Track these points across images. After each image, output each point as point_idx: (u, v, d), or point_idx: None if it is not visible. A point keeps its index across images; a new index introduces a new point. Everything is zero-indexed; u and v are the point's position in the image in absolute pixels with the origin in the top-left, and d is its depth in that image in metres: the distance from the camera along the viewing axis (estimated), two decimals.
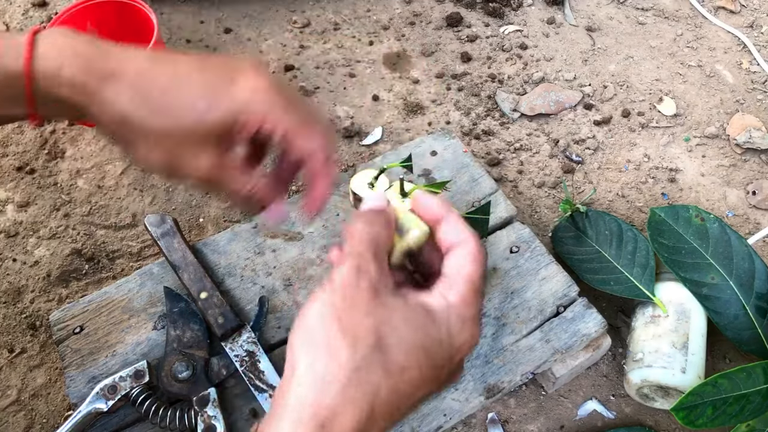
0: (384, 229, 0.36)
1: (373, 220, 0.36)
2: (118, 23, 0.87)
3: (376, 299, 0.32)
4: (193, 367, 0.55)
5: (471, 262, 0.36)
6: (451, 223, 0.37)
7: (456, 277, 0.35)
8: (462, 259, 0.36)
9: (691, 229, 0.68)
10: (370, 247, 0.34)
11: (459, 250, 0.36)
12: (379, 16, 1.01)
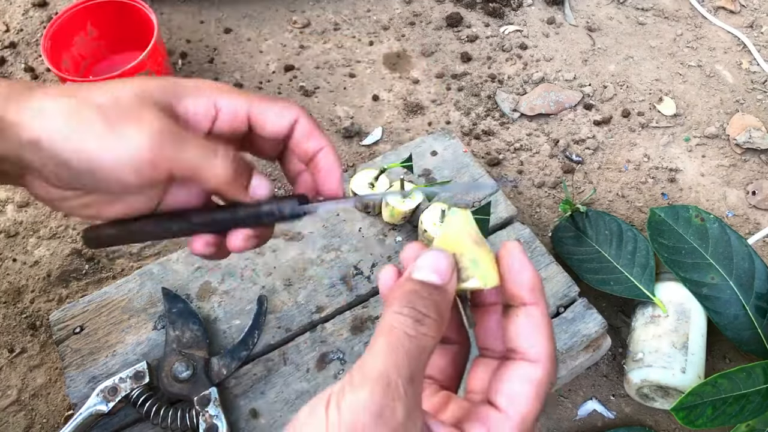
0: (436, 334, 0.26)
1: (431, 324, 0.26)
2: (118, 23, 0.87)
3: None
4: (193, 367, 0.55)
5: (534, 396, 0.26)
6: (532, 322, 0.27)
7: (506, 418, 0.26)
8: (525, 388, 0.27)
9: (691, 229, 0.68)
10: (410, 364, 0.24)
11: (525, 370, 0.27)
12: (379, 16, 1.01)
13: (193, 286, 0.63)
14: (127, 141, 0.30)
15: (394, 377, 0.24)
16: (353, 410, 0.23)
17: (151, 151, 0.30)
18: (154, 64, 0.81)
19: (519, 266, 0.28)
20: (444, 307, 0.27)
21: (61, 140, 0.30)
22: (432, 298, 0.26)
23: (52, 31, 0.82)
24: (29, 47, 0.95)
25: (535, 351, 0.27)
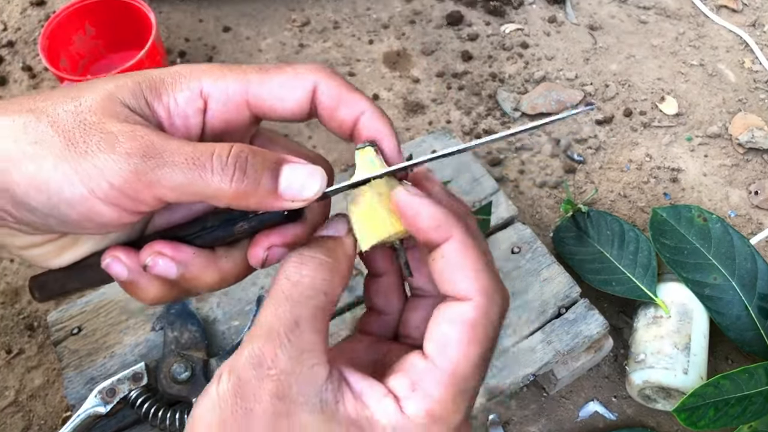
0: (327, 275, 0.23)
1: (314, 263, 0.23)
2: (116, 22, 0.87)
3: (280, 415, 0.21)
4: (191, 368, 0.55)
5: (467, 341, 0.23)
6: (450, 260, 0.24)
7: (432, 368, 0.23)
8: (454, 330, 0.23)
9: (693, 230, 0.68)
10: (292, 309, 0.22)
11: (453, 310, 0.24)
12: (379, 15, 1.00)
13: None
14: (94, 168, 0.23)
15: (275, 326, 0.22)
16: (237, 369, 0.22)
17: (125, 180, 0.23)
18: (153, 62, 0.81)
19: (413, 210, 0.24)
20: (340, 251, 0.25)
21: (14, 171, 0.23)
22: (323, 244, 0.25)
23: (50, 29, 0.81)
24: (27, 46, 0.95)
25: (460, 288, 0.23)
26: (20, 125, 0.23)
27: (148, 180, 0.23)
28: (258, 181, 0.24)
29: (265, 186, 0.24)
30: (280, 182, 0.24)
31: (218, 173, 0.23)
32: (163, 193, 0.23)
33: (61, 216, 0.24)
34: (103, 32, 0.88)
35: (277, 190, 0.24)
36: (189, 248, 0.26)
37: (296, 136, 0.85)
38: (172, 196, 0.23)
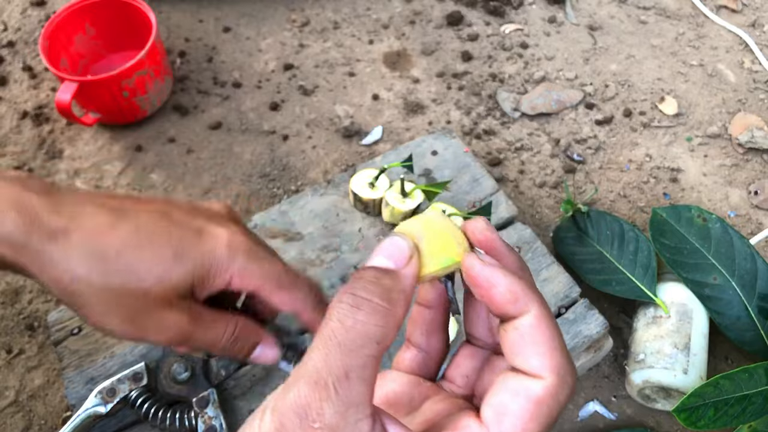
0: (382, 322, 0.22)
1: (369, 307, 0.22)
2: (116, 22, 0.87)
3: None
4: (191, 368, 0.55)
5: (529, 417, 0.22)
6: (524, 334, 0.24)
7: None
8: (518, 404, 0.23)
9: (693, 230, 0.68)
10: (343, 358, 0.22)
11: (520, 383, 0.23)
12: (379, 15, 1.00)
13: None
14: (150, 339, 0.37)
15: (323, 374, 0.21)
16: (281, 412, 0.21)
17: (171, 344, 0.37)
18: (153, 63, 0.81)
19: (488, 282, 0.24)
20: (397, 293, 0.23)
21: (85, 312, 0.35)
22: (379, 283, 0.23)
23: (50, 30, 0.81)
24: (27, 46, 0.95)
25: (533, 364, 0.23)
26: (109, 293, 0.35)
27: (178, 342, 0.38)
28: (240, 352, 0.40)
29: (243, 353, 0.40)
30: (253, 353, 0.40)
31: (220, 349, 0.39)
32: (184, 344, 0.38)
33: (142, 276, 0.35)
34: (104, 32, 0.88)
35: (250, 356, 0.40)
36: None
37: (296, 136, 0.85)
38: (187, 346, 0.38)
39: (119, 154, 0.83)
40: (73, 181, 0.81)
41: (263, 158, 0.83)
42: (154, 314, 0.36)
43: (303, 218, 0.67)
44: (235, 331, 0.38)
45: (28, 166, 0.82)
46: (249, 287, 0.37)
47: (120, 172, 0.82)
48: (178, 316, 0.36)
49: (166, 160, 0.83)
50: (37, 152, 0.84)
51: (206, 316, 0.37)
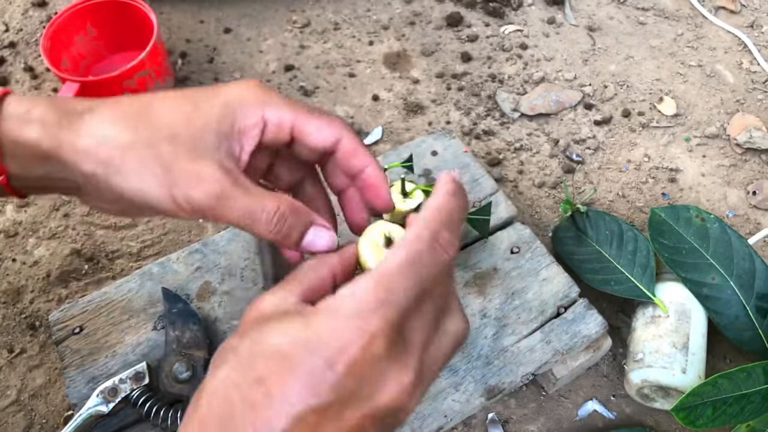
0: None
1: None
2: (117, 23, 0.87)
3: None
4: (193, 367, 0.55)
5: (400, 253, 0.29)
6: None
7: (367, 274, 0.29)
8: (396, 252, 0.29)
9: (691, 230, 0.68)
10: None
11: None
12: (379, 16, 1.01)
13: (193, 286, 0.63)
14: (185, 195, 0.33)
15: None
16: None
17: (201, 208, 0.33)
18: (154, 63, 0.81)
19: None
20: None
21: (119, 179, 0.33)
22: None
23: (52, 30, 0.82)
24: (29, 47, 0.95)
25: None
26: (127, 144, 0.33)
27: (214, 214, 0.33)
28: (289, 236, 0.34)
29: (293, 239, 0.34)
30: (304, 239, 0.35)
31: (263, 224, 0.33)
32: (225, 219, 0.33)
33: (150, 211, 0.34)
34: (105, 33, 0.88)
35: (300, 243, 0.35)
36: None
37: None
38: (230, 222, 0.34)
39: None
40: None
41: None
42: (187, 163, 0.33)
43: None
44: (281, 206, 0.34)
45: None
46: (285, 121, 0.35)
47: None
48: (213, 167, 0.33)
49: None
50: None
51: (250, 183, 0.34)
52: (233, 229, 0.67)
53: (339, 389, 0.27)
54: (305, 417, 0.27)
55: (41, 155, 0.34)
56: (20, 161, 0.35)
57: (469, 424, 0.63)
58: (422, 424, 0.56)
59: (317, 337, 0.28)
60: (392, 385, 0.28)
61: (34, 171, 0.36)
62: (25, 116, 0.34)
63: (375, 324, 0.28)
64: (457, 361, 0.59)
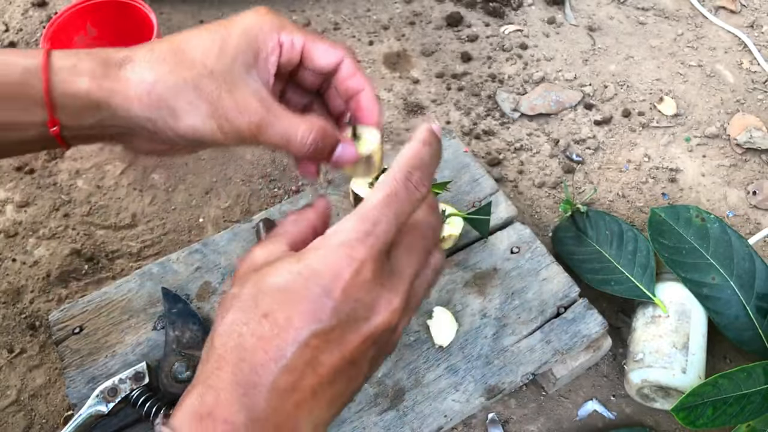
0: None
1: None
2: (117, 23, 0.87)
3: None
4: (193, 367, 0.55)
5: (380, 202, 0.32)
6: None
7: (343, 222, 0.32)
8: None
9: (691, 230, 0.68)
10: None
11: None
12: (379, 16, 1.01)
13: (192, 286, 0.63)
14: (232, 127, 0.38)
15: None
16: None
17: (248, 135, 0.39)
18: None
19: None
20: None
21: (173, 121, 0.38)
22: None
23: (52, 30, 0.82)
24: (29, 47, 0.95)
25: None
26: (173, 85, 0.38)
27: (255, 140, 0.39)
28: (322, 152, 0.40)
29: (324, 154, 0.40)
30: (334, 155, 0.41)
31: (298, 145, 0.39)
32: (262, 143, 0.39)
33: (198, 143, 0.40)
34: (105, 33, 0.88)
35: (331, 158, 0.41)
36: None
37: None
38: (270, 144, 0.39)
39: (120, 155, 0.84)
40: (75, 182, 0.81)
41: (264, 159, 0.84)
42: (228, 96, 0.38)
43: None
44: (312, 128, 0.39)
45: (29, 166, 0.82)
46: (297, 43, 0.40)
47: (121, 172, 0.82)
48: (250, 95, 0.39)
49: (167, 161, 0.83)
50: (38, 152, 0.84)
51: (282, 109, 0.40)
52: (233, 229, 0.67)
53: (338, 313, 0.31)
54: (310, 341, 0.30)
55: (93, 105, 0.38)
56: (72, 112, 0.38)
57: (469, 424, 0.63)
58: (422, 423, 0.56)
59: (312, 269, 0.31)
60: (384, 307, 0.32)
61: (86, 120, 0.39)
62: (73, 70, 0.38)
63: (362, 252, 0.31)
64: (457, 361, 0.59)
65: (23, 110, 0.38)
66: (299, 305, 0.31)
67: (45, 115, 0.38)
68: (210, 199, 0.80)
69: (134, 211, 0.79)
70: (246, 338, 0.31)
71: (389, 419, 0.55)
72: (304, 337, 0.30)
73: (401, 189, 0.33)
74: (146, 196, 0.80)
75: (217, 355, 0.31)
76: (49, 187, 0.81)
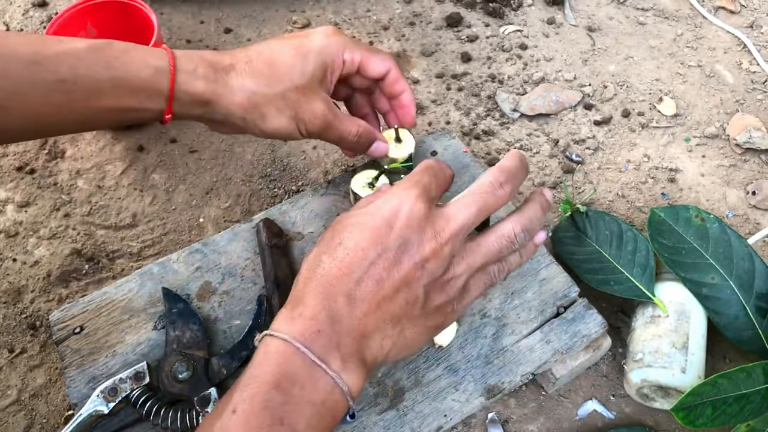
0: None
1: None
2: (118, 23, 0.87)
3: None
4: (193, 367, 0.55)
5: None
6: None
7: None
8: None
9: (691, 230, 0.68)
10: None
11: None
12: (379, 17, 1.01)
13: (193, 286, 0.63)
14: (307, 128, 0.54)
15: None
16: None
17: (316, 134, 0.55)
18: None
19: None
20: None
21: (262, 122, 0.52)
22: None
23: (52, 31, 0.82)
24: None
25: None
26: (262, 97, 0.51)
27: (320, 137, 0.55)
28: (363, 146, 0.59)
29: (364, 148, 0.59)
30: (371, 148, 0.59)
31: (350, 141, 0.57)
32: (323, 138, 0.56)
33: (264, 137, 0.55)
34: (105, 33, 0.88)
35: (369, 150, 0.59)
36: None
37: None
38: (325, 140, 0.57)
39: (121, 155, 0.84)
40: (75, 182, 0.81)
41: (264, 159, 0.84)
42: (306, 105, 0.52)
43: (303, 218, 0.67)
44: (360, 129, 0.56)
45: (30, 167, 0.82)
46: (356, 59, 0.54)
47: (122, 172, 0.82)
48: (322, 105, 0.52)
49: (167, 161, 0.83)
50: (39, 152, 0.84)
51: (340, 113, 0.55)
52: (233, 229, 0.67)
53: (398, 240, 0.40)
54: (376, 260, 0.40)
55: (203, 102, 0.50)
56: (185, 105, 0.50)
57: (469, 424, 0.63)
58: (422, 423, 0.56)
59: (377, 206, 0.42)
60: (430, 237, 0.41)
61: (194, 112, 0.51)
62: (193, 73, 0.49)
63: (414, 192, 0.42)
64: (456, 361, 0.59)
65: (149, 100, 0.49)
66: (366, 232, 0.40)
67: (164, 105, 0.49)
68: (210, 199, 0.80)
69: (135, 211, 0.79)
70: (325, 261, 0.41)
71: (389, 419, 0.56)
72: (370, 256, 0.40)
73: (432, 163, 0.47)
74: (147, 196, 0.80)
75: (304, 277, 0.41)
76: (49, 187, 0.81)
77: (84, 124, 0.52)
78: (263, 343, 0.41)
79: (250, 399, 0.39)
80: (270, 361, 0.39)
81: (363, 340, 0.40)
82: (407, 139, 0.65)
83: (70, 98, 0.47)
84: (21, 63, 0.45)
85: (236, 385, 0.41)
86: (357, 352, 0.40)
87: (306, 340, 0.39)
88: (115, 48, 0.48)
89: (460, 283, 0.43)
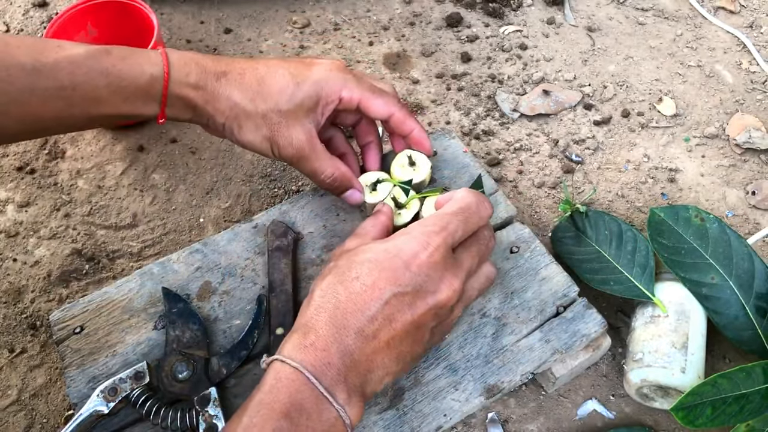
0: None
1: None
2: (118, 23, 0.87)
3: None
4: (193, 367, 0.55)
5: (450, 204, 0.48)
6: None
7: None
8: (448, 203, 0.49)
9: (690, 230, 0.68)
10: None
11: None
12: (379, 17, 1.01)
13: (193, 286, 0.63)
14: (280, 151, 0.54)
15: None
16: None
17: (288, 160, 0.55)
18: None
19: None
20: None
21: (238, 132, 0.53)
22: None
23: (53, 31, 0.82)
24: None
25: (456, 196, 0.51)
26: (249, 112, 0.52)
27: (293, 165, 0.56)
28: (336, 190, 0.57)
29: (338, 193, 0.58)
30: (345, 194, 0.58)
31: (320, 181, 0.56)
32: (297, 170, 0.56)
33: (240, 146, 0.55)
34: (106, 34, 0.89)
35: (343, 195, 0.58)
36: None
37: None
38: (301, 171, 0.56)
39: (121, 155, 0.84)
40: (75, 182, 0.81)
41: (264, 159, 0.84)
42: (285, 130, 0.51)
43: (303, 218, 0.67)
44: (336, 172, 0.54)
45: (30, 167, 0.82)
46: (354, 99, 0.53)
47: (122, 172, 0.82)
48: (302, 134, 0.52)
49: (168, 161, 0.83)
50: (39, 152, 0.84)
51: (321, 149, 0.53)
52: (233, 229, 0.67)
53: (413, 283, 0.41)
54: (390, 300, 0.41)
55: (193, 107, 0.52)
56: (176, 109, 0.52)
57: (469, 424, 0.63)
58: (422, 423, 0.56)
59: (397, 247, 0.43)
60: (447, 285, 0.43)
61: (183, 115, 0.53)
62: (186, 80, 0.50)
63: (436, 240, 0.43)
64: (456, 361, 0.59)
65: (144, 106, 0.51)
66: (384, 272, 0.41)
67: (158, 110, 0.51)
68: (210, 199, 0.80)
69: (135, 211, 0.79)
70: (340, 293, 0.42)
71: (389, 418, 0.56)
72: (385, 296, 0.41)
73: (474, 205, 0.46)
74: (147, 196, 0.80)
75: (317, 305, 0.42)
76: (49, 187, 0.81)
77: (82, 127, 0.54)
78: (273, 369, 0.41)
79: (260, 426, 0.39)
80: (281, 389, 0.40)
81: (368, 374, 0.42)
82: (421, 162, 0.62)
83: (69, 104, 0.48)
84: (22, 71, 0.46)
85: (244, 408, 0.41)
86: (360, 386, 0.42)
87: (317, 371, 0.40)
88: (113, 55, 0.49)
89: (456, 318, 0.49)
